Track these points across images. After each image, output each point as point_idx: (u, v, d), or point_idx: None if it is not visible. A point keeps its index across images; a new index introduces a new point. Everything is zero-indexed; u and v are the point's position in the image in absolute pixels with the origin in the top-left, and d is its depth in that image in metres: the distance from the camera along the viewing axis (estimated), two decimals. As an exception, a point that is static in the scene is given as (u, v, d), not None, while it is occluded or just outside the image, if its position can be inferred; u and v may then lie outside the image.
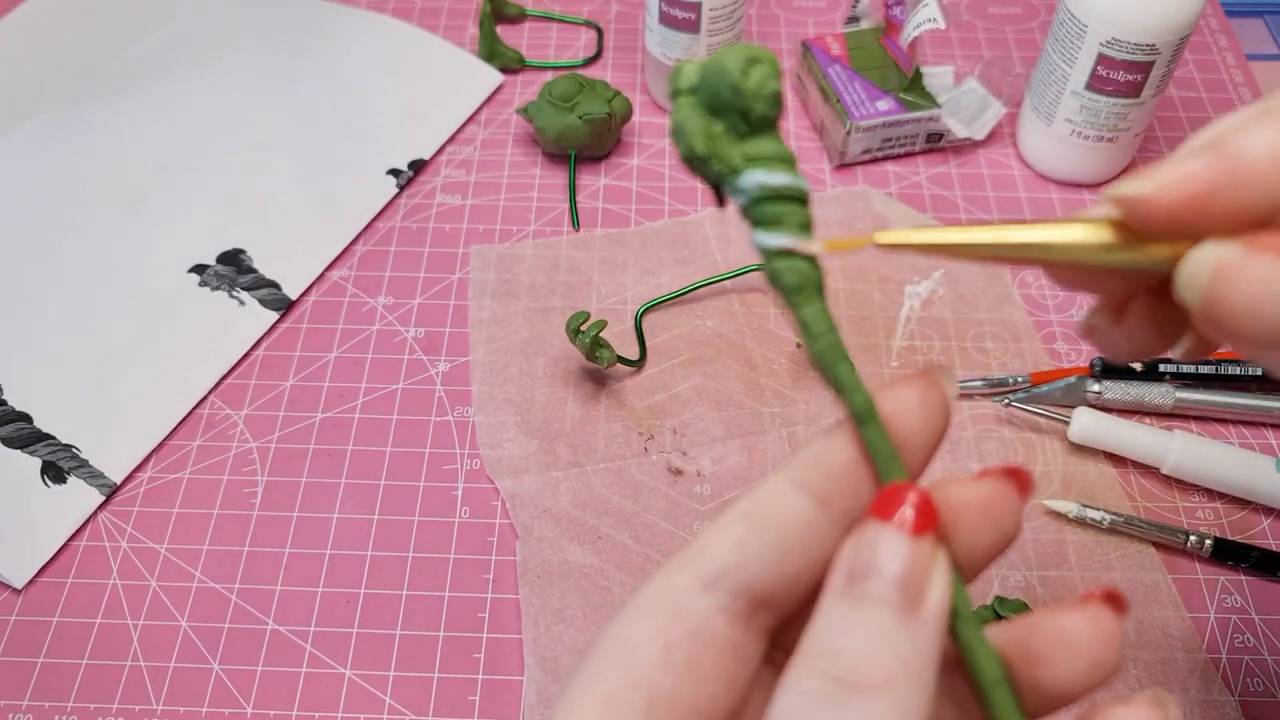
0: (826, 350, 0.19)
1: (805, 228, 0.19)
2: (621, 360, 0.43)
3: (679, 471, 0.41)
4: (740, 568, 0.19)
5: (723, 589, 0.19)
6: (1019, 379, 0.43)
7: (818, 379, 0.43)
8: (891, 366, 0.44)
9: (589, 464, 0.41)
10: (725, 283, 0.47)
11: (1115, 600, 0.19)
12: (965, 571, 0.19)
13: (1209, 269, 0.17)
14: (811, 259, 0.19)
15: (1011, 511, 0.19)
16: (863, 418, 0.19)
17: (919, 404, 0.19)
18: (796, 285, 0.19)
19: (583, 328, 0.41)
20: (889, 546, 0.18)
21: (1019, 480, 0.20)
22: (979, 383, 0.43)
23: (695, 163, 0.20)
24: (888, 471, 0.19)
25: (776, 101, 0.19)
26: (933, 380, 0.19)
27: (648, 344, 0.45)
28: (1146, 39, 0.44)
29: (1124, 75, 0.46)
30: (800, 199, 0.19)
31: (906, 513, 0.18)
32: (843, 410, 0.19)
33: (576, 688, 0.19)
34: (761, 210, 0.19)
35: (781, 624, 0.20)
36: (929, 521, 0.18)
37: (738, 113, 0.19)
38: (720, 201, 0.20)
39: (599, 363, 0.42)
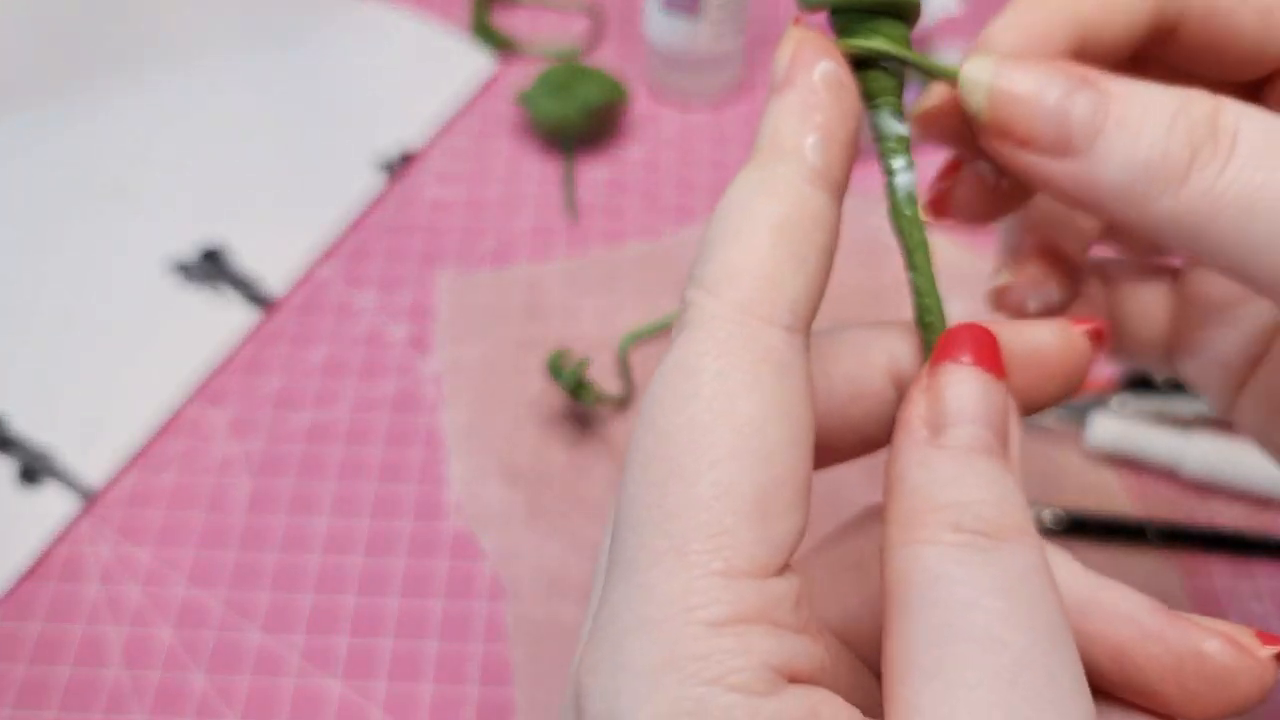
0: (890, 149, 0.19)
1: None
2: (608, 398, 0.41)
3: None
4: (798, 301, 0.18)
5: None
6: None
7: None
8: None
9: (577, 513, 0.39)
10: None
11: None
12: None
13: (989, 65, 0.18)
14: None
15: (1080, 358, 0.19)
16: (915, 250, 0.19)
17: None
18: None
19: (565, 367, 0.39)
20: (974, 389, 0.17)
21: (1094, 331, 0.19)
22: None
23: None
24: (932, 317, 0.19)
25: None
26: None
27: (634, 378, 0.42)
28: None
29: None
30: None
31: (979, 354, 0.17)
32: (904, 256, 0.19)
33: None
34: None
35: None
36: (1000, 359, 0.17)
37: None
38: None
39: (584, 403, 0.40)
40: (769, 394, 0.16)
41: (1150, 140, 0.17)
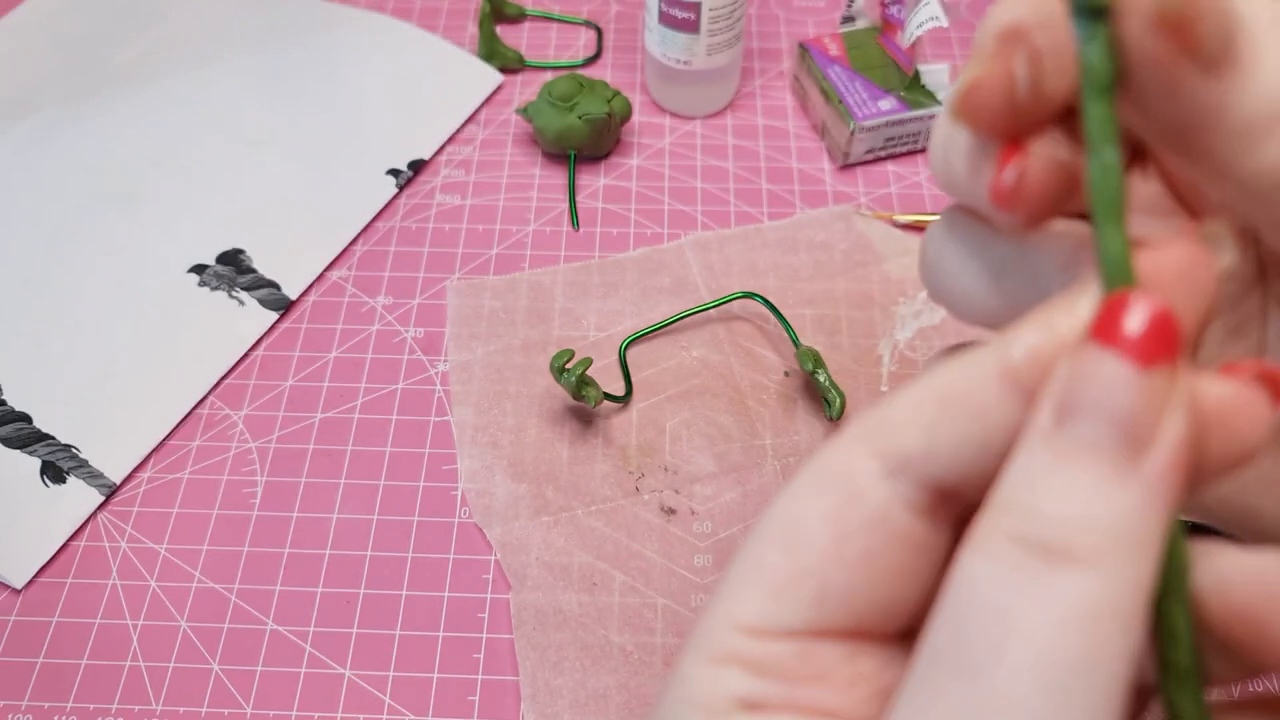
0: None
1: None
2: (608, 397, 0.42)
3: (672, 511, 0.40)
4: (929, 458, 0.16)
5: (908, 478, 0.16)
6: None
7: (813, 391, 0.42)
8: (891, 369, 0.44)
9: (580, 507, 0.40)
10: (710, 311, 0.46)
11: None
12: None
13: None
14: None
15: (1257, 420, 0.15)
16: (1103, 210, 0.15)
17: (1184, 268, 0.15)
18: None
19: (567, 366, 0.40)
20: (1109, 377, 0.14)
21: (1273, 385, 0.16)
22: None
23: None
24: (1114, 278, 0.15)
25: None
26: (1199, 247, 0.15)
27: (634, 378, 0.44)
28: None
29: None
30: None
31: (1135, 333, 0.14)
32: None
33: (739, 574, 0.17)
34: None
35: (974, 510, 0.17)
36: (1167, 346, 0.14)
37: None
38: None
39: (586, 401, 0.41)
40: (828, 508, 0.16)
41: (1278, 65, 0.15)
